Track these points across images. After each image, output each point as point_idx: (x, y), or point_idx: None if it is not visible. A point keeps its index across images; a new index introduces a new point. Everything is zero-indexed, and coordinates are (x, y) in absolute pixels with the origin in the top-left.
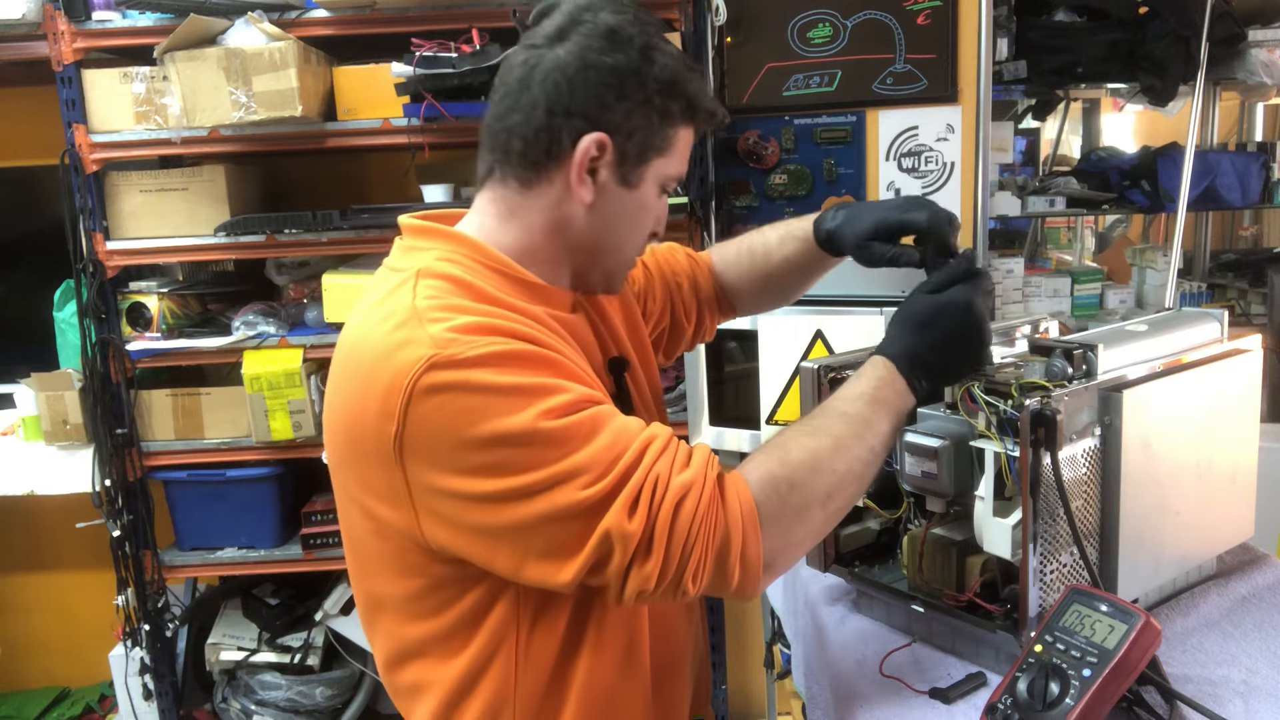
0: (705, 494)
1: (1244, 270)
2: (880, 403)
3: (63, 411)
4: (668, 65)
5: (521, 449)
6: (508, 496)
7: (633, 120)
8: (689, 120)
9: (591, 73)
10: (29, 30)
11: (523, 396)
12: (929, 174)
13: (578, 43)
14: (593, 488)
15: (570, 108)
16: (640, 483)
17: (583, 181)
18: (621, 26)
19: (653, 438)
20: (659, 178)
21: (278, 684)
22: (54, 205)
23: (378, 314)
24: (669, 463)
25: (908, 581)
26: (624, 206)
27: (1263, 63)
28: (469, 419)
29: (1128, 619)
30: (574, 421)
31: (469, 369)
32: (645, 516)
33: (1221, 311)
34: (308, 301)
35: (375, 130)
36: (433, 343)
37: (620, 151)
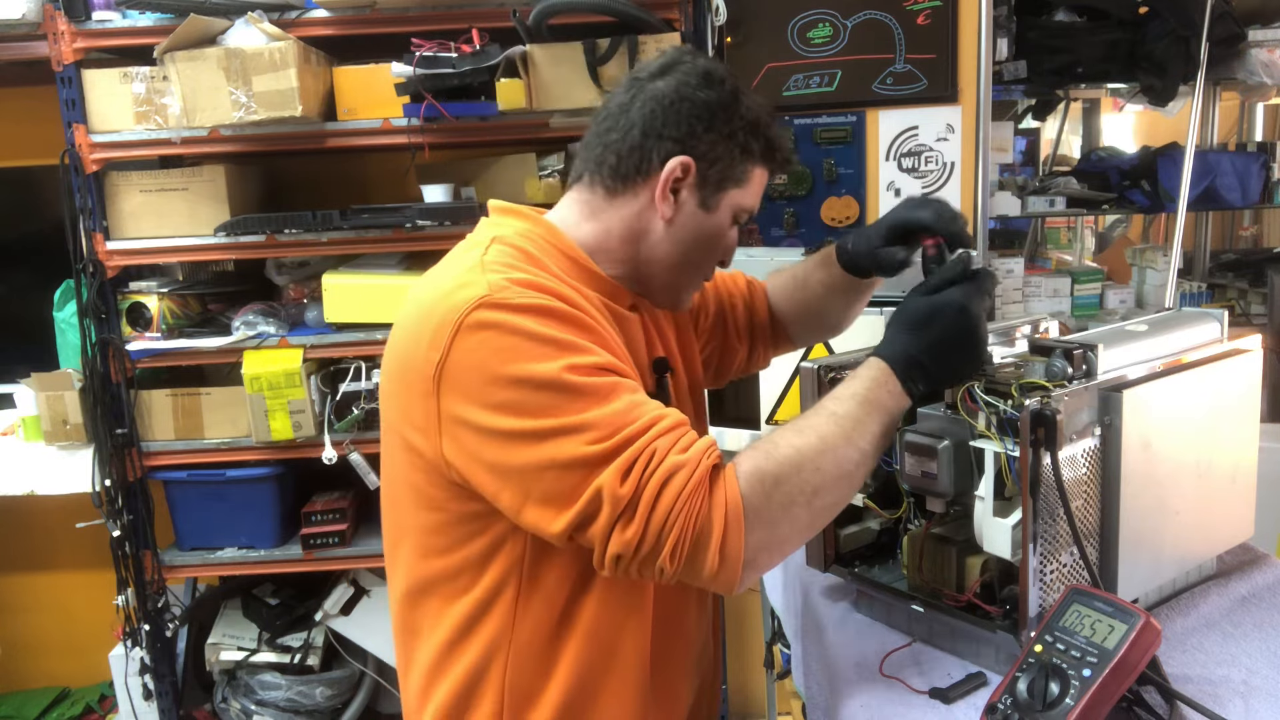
0: (694, 479)
1: (1244, 270)
2: (872, 404)
3: (63, 411)
4: (753, 108)
5: (541, 393)
6: (520, 436)
7: (716, 150)
8: (767, 160)
9: (686, 104)
10: (29, 30)
11: (556, 348)
12: (929, 174)
13: (676, 79)
14: (595, 445)
15: (663, 131)
16: (638, 452)
17: (665, 198)
18: (715, 69)
19: (662, 416)
20: (734, 207)
21: (278, 684)
22: (54, 205)
23: (447, 268)
24: (670, 442)
25: (908, 581)
26: (699, 228)
27: (1263, 63)
28: (502, 357)
29: (1128, 619)
30: (595, 382)
31: (514, 314)
32: (635, 484)
33: (1221, 311)
34: (308, 301)
35: (375, 130)
36: (488, 285)
37: (702, 176)
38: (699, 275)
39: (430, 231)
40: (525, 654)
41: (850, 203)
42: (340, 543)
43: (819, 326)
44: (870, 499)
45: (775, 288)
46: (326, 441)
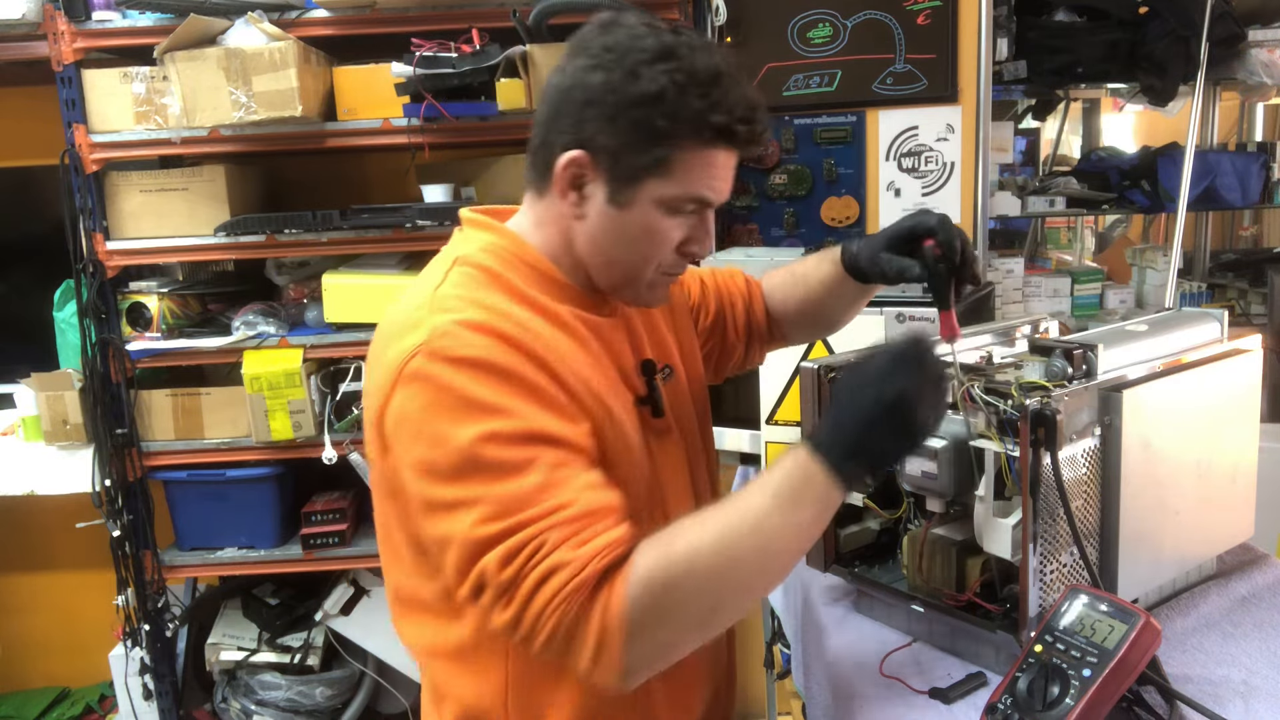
0: (574, 581)
1: (1244, 270)
2: (790, 496)
3: (63, 411)
4: (657, 81)
5: (452, 458)
6: (429, 505)
7: (615, 139)
8: (692, 137)
9: (577, 91)
10: (29, 30)
11: (479, 412)
12: (929, 174)
13: (578, 61)
14: (484, 526)
15: (558, 125)
16: (526, 540)
17: (565, 196)
18: (617, 45)
19: (568, 504)
20: (659, 200)
21: (278, 684)
22: (54, 205)
23: (411, 296)
24: (564, 534)
25: (908, 581)
26: (617, 225)
27: (1263, 63)
28: (426, 415)
29: (1128, 619)
30: (506, 456)
31: (448, 366)
32: (515, 571)
33: (1221, 311)
34: (308, 301)
35: (375, 130)
36: (430, 331)
37: (607, 170)
38: (645, 271)
39: (430, 231)
40: (531, 673)
41: (850, 203)
42: (340, 543)
43: (815, 325)
44: (870, 499)
45: (773, 286)
46: (326, 441)
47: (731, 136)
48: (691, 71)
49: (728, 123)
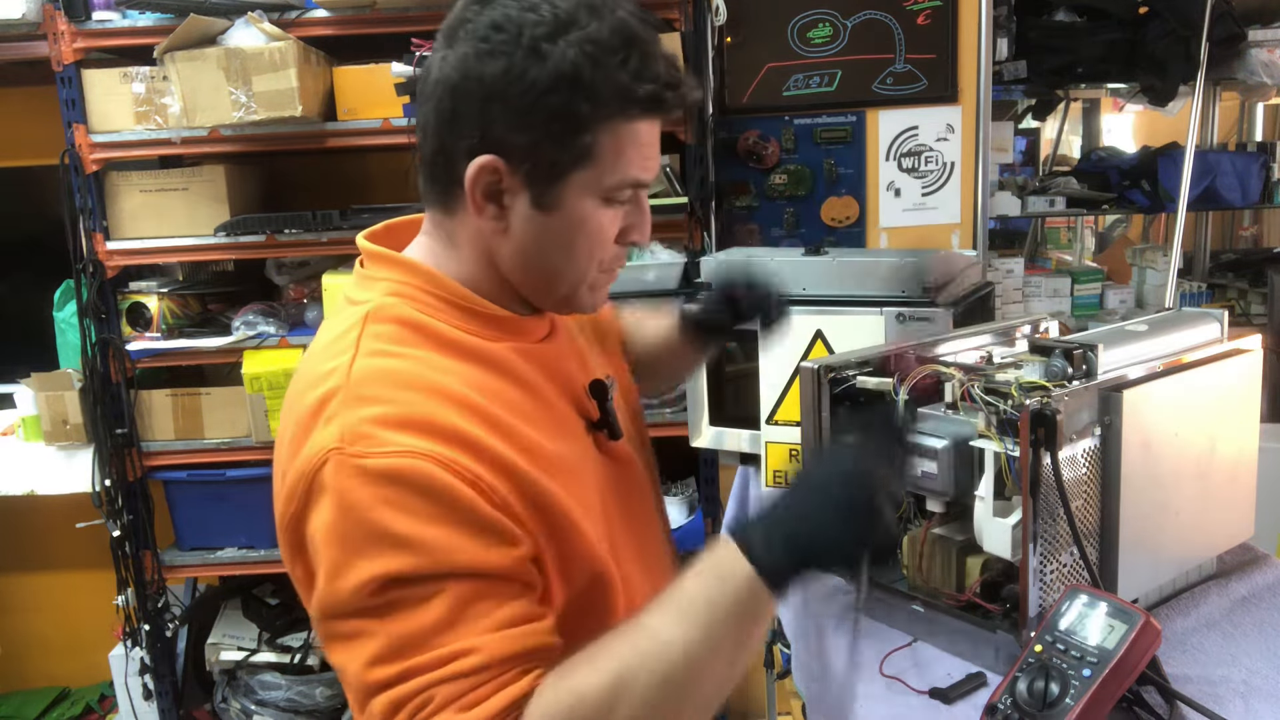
0: None
1: (1244, 270)
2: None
3: (63, 411)
4: (567, 58)
5: (347, 593)
6: (323, 629)
7: (530, 135)
8: (617, 115)
9: (472, 84)
10: (29, 30)
11: (385, 546)
12: (929, 174)
13: (461, 47)
14: (374, 668)
15: (456, 128)
16: (413, 692)
17: (482, 210)
18: (506, 20)
19: (469, 650)
20: (592, 191)
21: (278, 684)
22: (54, 205)
23: (321, 368)
24: (455, 692)
25: (908, 581)
26: (549, 231)
27: (1263, 63)
28: (332, 534)
29: (1128, 619)
30: (404, 594)
31: (357, 481)
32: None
33: (1221, 311)
34: (308, 301)
35: (375, 130)
36: (341, 434)
37: (526, 172)
38: (582, 274)
39: None
40: None
41: (850, 203)
42: None
43: (649, 375)
44: None
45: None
46: None
47: (660, 105)
48: (600, 38)
49: (655, 91)
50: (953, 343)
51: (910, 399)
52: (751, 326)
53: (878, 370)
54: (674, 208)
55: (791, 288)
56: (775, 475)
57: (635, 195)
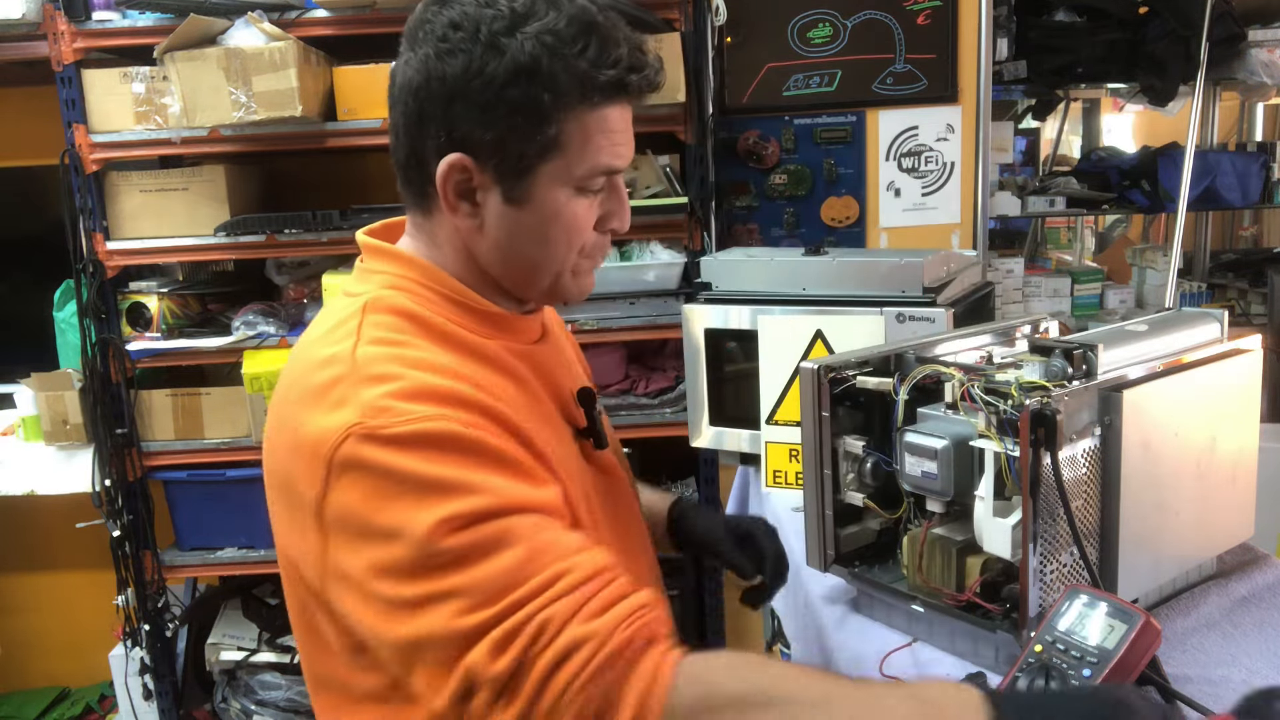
0: (603, 654)
1: (1244, 270)
2: (926, 703)
3: (63, 411)
4: (524, 50)
5: (412, 550)
6: (391, 606)
7: (494, 130)
8: (580, 103)
9: (435, 84)
10: (29, 30)
11: (433, 494)
12: (929, 174)
13: (423, 49)
14: (465, 617)
15: (424, 129)
16: (522, 622)
17: (455, 208)
18: (464, 18)
19: (566, 571)
20: (562, 181)
21: (278, 684)
22: (54, 205)
23: (321, 353)
24: (574, 606)
25: (908, 581)
26: (523, 225)
27: (1263, 63)
28: (373, 505)
29: (1128, 619)
30: (474, 537)
31: (387, 449)
32: (514, 660)
33: (1221, 311)
34: (308, 301)
35: (375, 130)
36: (361, 409)
37: (494, 168)
38: (568, 261)
39: None
40: None
41: (850, 203)
42: None
43: None
44: (870, 499)
45: None
46: None
47: (624, 89)
48: (558, 28)
49: (617, 76)
50: (953, 343)
51: (910, 399)
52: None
53: (878, 370)
54: (674, 208)
55: (791, 288)
56: (775, 475)
57: (610, 182)
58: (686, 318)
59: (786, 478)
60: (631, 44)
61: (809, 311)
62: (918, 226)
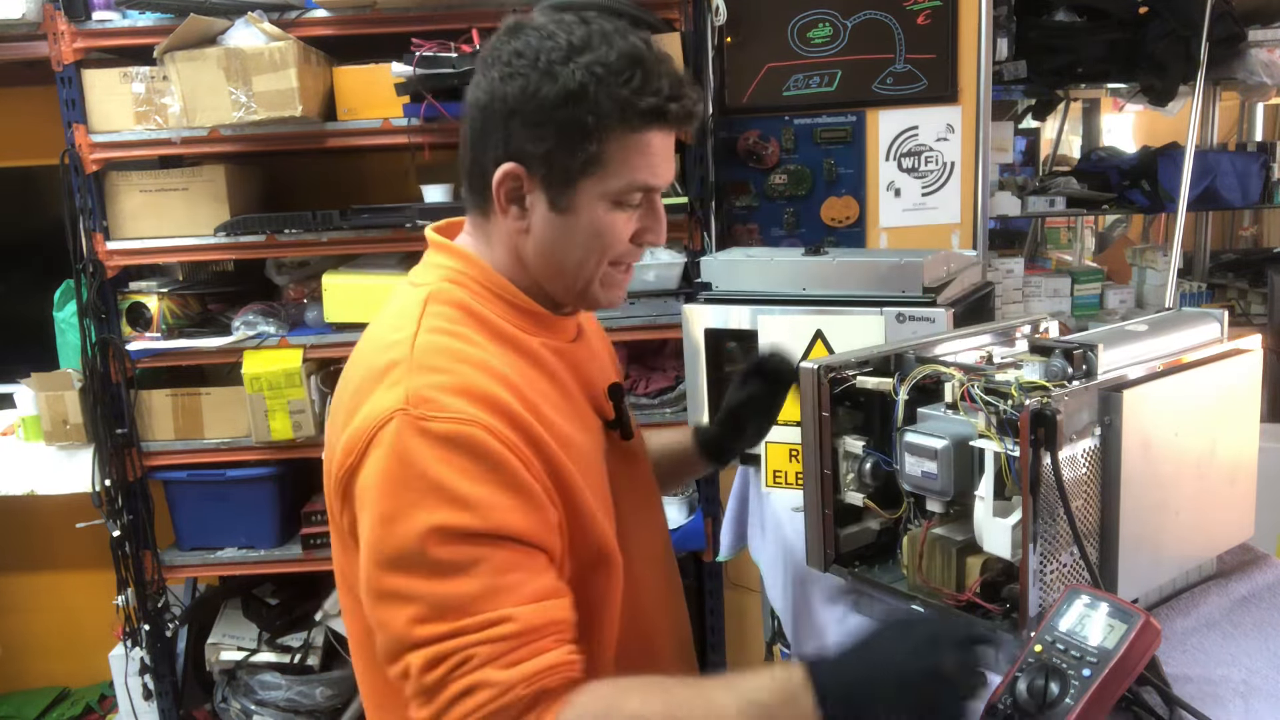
0: (495, 704)
1: (1244, 270)
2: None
3: (63, 411)
4: (575, 78)
5: (397, 544)
6: (369, 580)
7: (544, 145)
8: (620, 126)
9: (497, 104)
10: (29, 30)
11: (440, 500)
12: (929, 174)
13: (491, 73)
14: (417, 626)
15: (486, 142)
16: (453, 650)
17: (506, 211)
18: (527, 48)
19: (507, 618)
20: (602, 196)
21: (278, 684)
22: (54, 205)
23: (387, 338)
24: (495, 652)
25: (908, 581)
26: (564, 230)
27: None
28: (388, 488)
29: (1128, 619)
30: (454, 554)
31: (421, 440)
32: (438, 679)
33: (1221, 311)
34: (308, 301)
35: (375, 130)
36: (407, 397)
37: (542, 178)
38: (594, 271)
39: None
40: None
41: (850, 203)
42: None
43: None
44: (870, 499)
45: None
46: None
47: (663, 116)
48: (608, 61)
49: (657, 104)
50: (953, 343)
51: (910, 399)
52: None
53: (878, 370)
54: (674, 208)
55: (791, 288)
56: (775, 475)
57: (647, 199)
58: (686, 318)
59: (786, 478)
60: (673, 78)
61: (809, 311)
62: (918, 226)
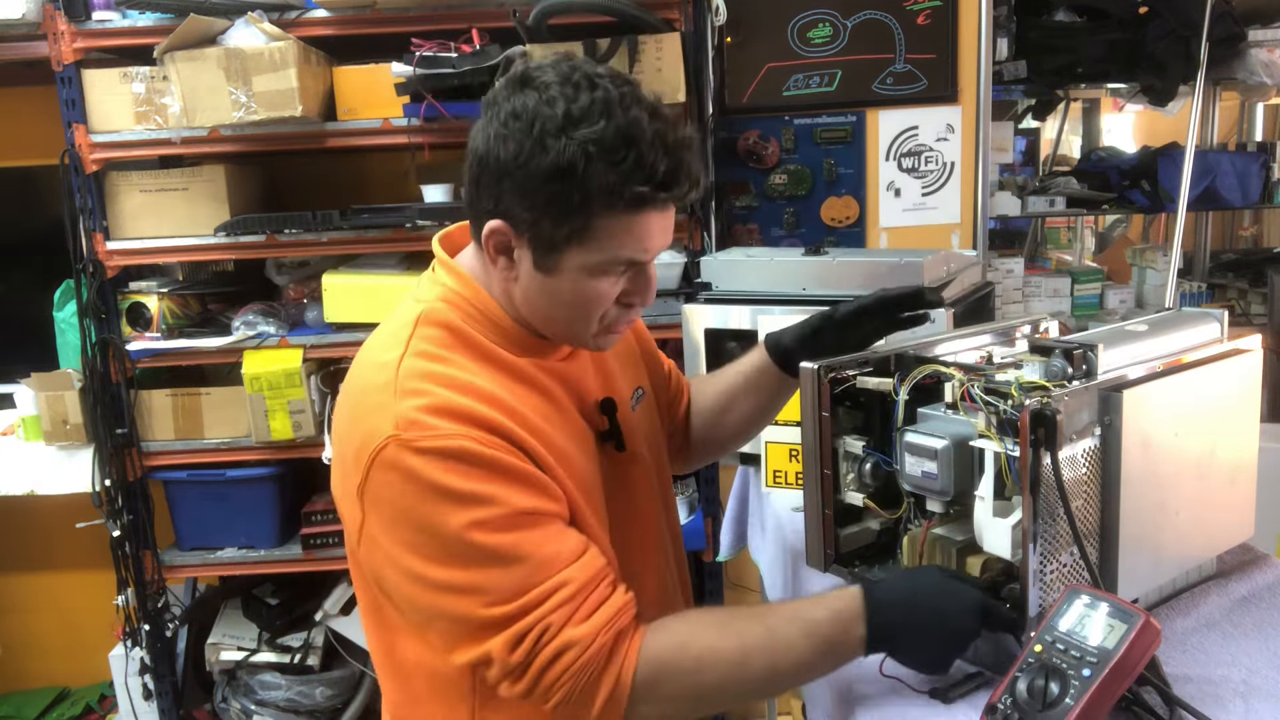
0: (585, 656)
1: (1244, 270)
2: (818, 640)
3: (63, 411)
4: (565, 154)
5: (445, 545)
6: (422, 580)
7: (531, 213)
8: (606, 209)
9: (492, 160)
10: (29, 30)
11: (458, 503)
12: (929, 174)
13: (492, 125)
14: (489, 609)
15: (481, 192)
16: (531, 625)
17: (495, 261)
18: (524, 110)
19: (565, 582)
20: (583, 266)
21: (278, 684)
22: (54, 205)
23: (379, 358)
24: (567, 614)
25: None
26: (548, 290)
27: (1263, 63)
28: (409, 502)
29: (1128, 619)
30: (499, 541)
31: (419, 458)
32: (525, 653)
33: (1221, 311)
34: (308, 301)
35: (375, 130)
36: (396, 422)
37: (530, 239)
38: (580, 331)
39: (430, 231)
40: None
41: (850, 203)
42: (340, 543)
43: (720, 429)
44: (870, 499)
45: (696, 388)
46: (326, 441)
47: (650, 203)
48: (601, 138)
49: (644, 192)
50: (953, 343)
51: (910, 399)
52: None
53: (878, 370)
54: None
55: (791, 288)
56: (775, 475)
57: (636, 266)
58: (686, 318)
59: (786, 478)
60: (671, 162)
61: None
62: (918, 226)
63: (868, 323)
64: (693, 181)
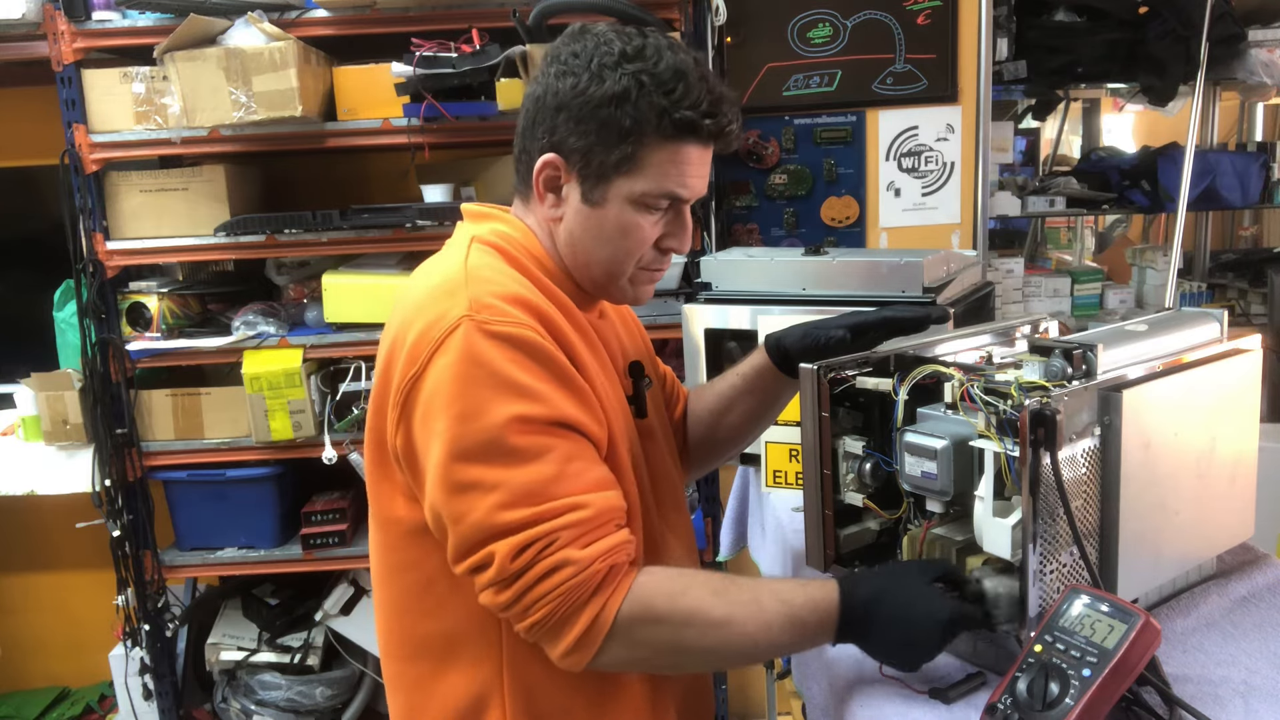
0: (577, 579)
1: (1244, 270)
2: (798, 623)
3: (63, 411)
4: (620, 82)
5: (481, 439)
6: (445, 480)
7: (585, 140)
8: (655, 132)
9: (549, 97)
10: (29, 30)
11: (512, 393)
12: (929, 174)
13: (550, 70)
14: (502, 512)
15: (534, 132)
16: (538, 535)
17: (543, 198)
18: (584, 50)
19: (583, 505)
20: (629, 196)
21: (278, 684)
22: (54, 205)
23: (434, 278)
24: (574, 534)
25: None
26: (593, 223)
27: (1263, 63)
28: (460, 387)
29: (1128, 619)
30: (531, 443)
31: (488, 341)
32: (524, 563)
33: (1221, 311)
34: (308, 301)
35: (375, 130)
36: (470, 304)
37: (580, 171)
38: (626, 267)
39: (430, 231)
40: (525, 673)
41: (850, 203)
42: (340, 543)
43: (718, 433)
44: (870, 499)
45: (694, 394)
46: (326, 441)
47: (696, 130)
48: (654, 71)
49: (692, 118)
50: (953, 343)
51: (910, 399)
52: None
53: (878, 370)
54: None
55: (791, 288)
56: (775, 475)
57: (675, 207)
58: (686, 318)
59: (786, 478)
60: (714, 95)
61: (809, 311)
62: (918, 226)
63: (872, 339)
64: (733, 116)
